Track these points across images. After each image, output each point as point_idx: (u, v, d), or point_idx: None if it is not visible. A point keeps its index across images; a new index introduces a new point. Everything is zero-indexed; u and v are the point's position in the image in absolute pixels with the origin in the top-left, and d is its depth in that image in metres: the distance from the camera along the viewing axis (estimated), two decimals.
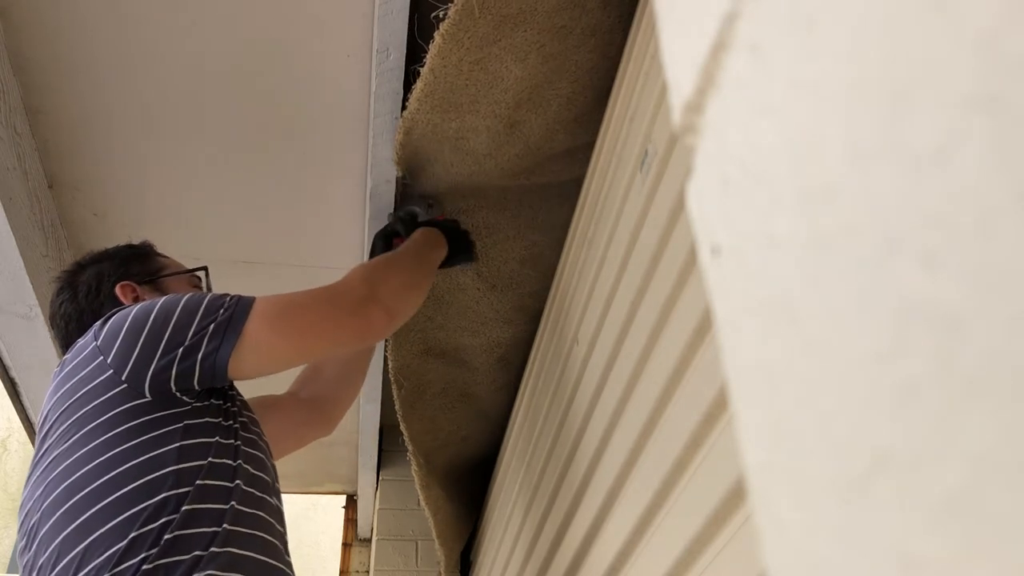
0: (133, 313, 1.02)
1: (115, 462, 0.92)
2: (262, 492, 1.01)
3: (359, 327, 1.15)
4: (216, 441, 0.99)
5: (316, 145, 1.52)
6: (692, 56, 0.29)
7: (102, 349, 1.00)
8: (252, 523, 0.96)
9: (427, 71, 1.18)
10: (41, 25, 1.28)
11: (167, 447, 0.94)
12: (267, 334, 1.03)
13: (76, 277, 1.19)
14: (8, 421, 4.95)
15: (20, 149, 1.37)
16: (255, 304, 1.05)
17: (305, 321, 1.09)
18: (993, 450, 0.16)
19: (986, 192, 0.17)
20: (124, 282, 1.17)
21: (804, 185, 0.23)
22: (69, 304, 1.17)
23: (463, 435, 1.94)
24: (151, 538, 0.87)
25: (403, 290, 1.23)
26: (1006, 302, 0.16)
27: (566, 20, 1.12)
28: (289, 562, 1.01)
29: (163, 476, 0.92)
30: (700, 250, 0.30)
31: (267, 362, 1.06)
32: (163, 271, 1.24)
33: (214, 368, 0.99)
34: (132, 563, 0.86)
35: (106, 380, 0.98)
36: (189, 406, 1.00)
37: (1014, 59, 0.16)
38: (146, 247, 1.28)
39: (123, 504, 0.89)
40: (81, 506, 0.90)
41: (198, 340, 0.99)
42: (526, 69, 1.17)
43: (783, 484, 0.24)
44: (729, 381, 0.28)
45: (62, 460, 0.95)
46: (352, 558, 2.72)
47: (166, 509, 0.90)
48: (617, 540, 0.97)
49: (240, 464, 0.99)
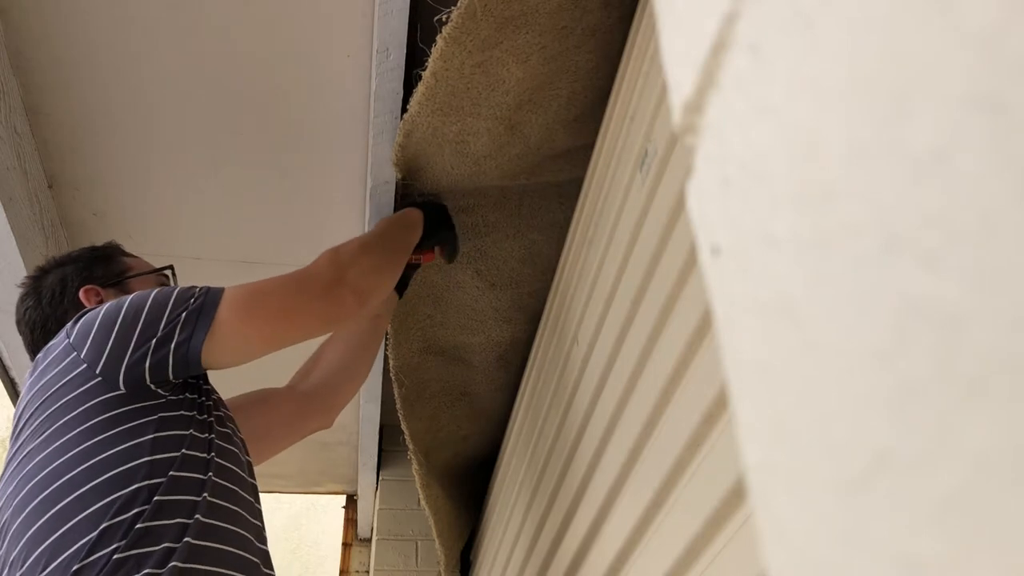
0: (104, 310, 1.02)
1: (89, 454, 0.92)
2: (235, 485, 1.01)
3: (328, 311, 1.16)
4: (190, 434, 0.99)
5: (316, 145, 1.52)
6: (692, 56, 0.29)
7: (75, 346, 1.00)
8: (224, 516, 0.96)
9: (429, 74, 1.18)
10: (41, 25, 1.28)
11: (141, 439, 0.94)
12: (238, 321, 1.04)
13: (40, 282, 1.19)
14: (8, 421, 4.95)
15: (20, 149, 1.37)
16: (225, 293, 1.05)
17: (274, 307, 1.09)
18: (993, 450, 0.16)
19: (986, 192, 0.17)
20: (88, 286, 1.17)
21: (804, 185, 0.23)
22: (33, 311, 1.16)
23: (463, 434, 1.94)
24: (122, 529, 0.87)
25: (372, 272, 1.23)
26: (1006, 302, 0.16)
27: (567, 21, 1.12)
28: (265, 551, 1.01)
29: (136, 467, 0.92)
30: (700, 250, 0.30)
31: (240, 349, 1.07)
32: (127, 272, 1.23)
33: (187, 357, 1.00)
34: (103, 554, 0.85)
35: (80, 374, 0.98)
36: (164, 399, 1.00)
37: (1014, 59, 0.16)
38: (110, 248, 1.27)
39: (95, 495, 0.89)
40: (53, 498, 0.90)
41: (170, 331, 1.00)
42: (527, 71, 1.17)
43: (783, 484, 0.24)
44: (729, 381, 0.28)
45: (35, 455, 0.95)
46: (352, 558, 2.72)
47: (138, 500, 0.89)
48: (617, 540, 0.97)
49: (213, 457, 0.99)
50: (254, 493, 1.06)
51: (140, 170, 1.53)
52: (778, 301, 0.24)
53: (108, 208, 1.58)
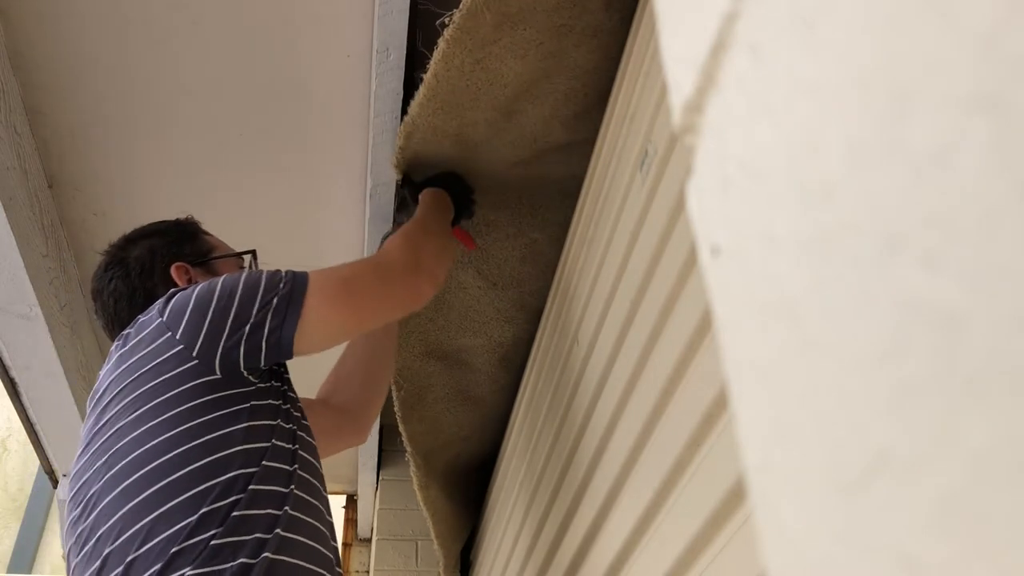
0: (197, 291, 1.01)
1: (185, 437, 0.92)
2: (315, 479, 1.01)
3: (409, 297, 1.17)
4: (278, 424, 0.99)
5: (316, 145, 1.52)
6: (692, 56, 0.29)
7: (169, 325, 0.99)
8: (308, 510, 0.96)
9: (430, 76, 1.19)
10: (41, 25, 1.28)
11: (236, 426, 0.94)
12: (326, 308, 1.04)
13: (126, 253, 1.18)
14: (8, 421, 4.94)
15: (20, 149, 1.37)
16: (310, 279, 1.05)
17: (361, 294, 1.10)
18: (993, 450, 0.16)
19: (986, 192, 0.17)
20: (178, 263, 1.17)
21: (804, 185, 0.23)
22: (121, 281, 1.15)
23: (464, 435, 1.94)
24: (220, 515, 0.87)
25: (442, 256, 1.25)
26: (1006, 302, 0.16)
27: (565, 19, 1.12)
28: (336, 548, 1.01)
29: (233, 454, 0.92)
30: (700, 250, 0.30)
31: (328, 336, 1.07)
32: (213, 252, 1.23)
33: (280, 344, 1.00)
34: (201, 539, 0.85)
35: (175, 355, 0.97)
36: (255, 387, 1.00)
37: (1014, 59, 0.16)
38: (193, 225, 1.26)
39: (194, 479, 0.89)
40: (150, 478, 0.90)
41: (263, 317, 1.00)
42: (525, 65, 1.18)
43: (783, 484, 0.24)
44: (729, 381, 0.28)
45: (128, 432, 0.94)
46: (352, 558, 2.72)
47: (236, 487, 0.90)
48: (617, 540, 0.97)
49: (297, 449, 1.00)
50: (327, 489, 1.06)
51: (140, 170, 1.53)
52: (778, 301, 0.24)
53: (108, 208, 1.58)
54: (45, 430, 1.77)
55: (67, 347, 1.59)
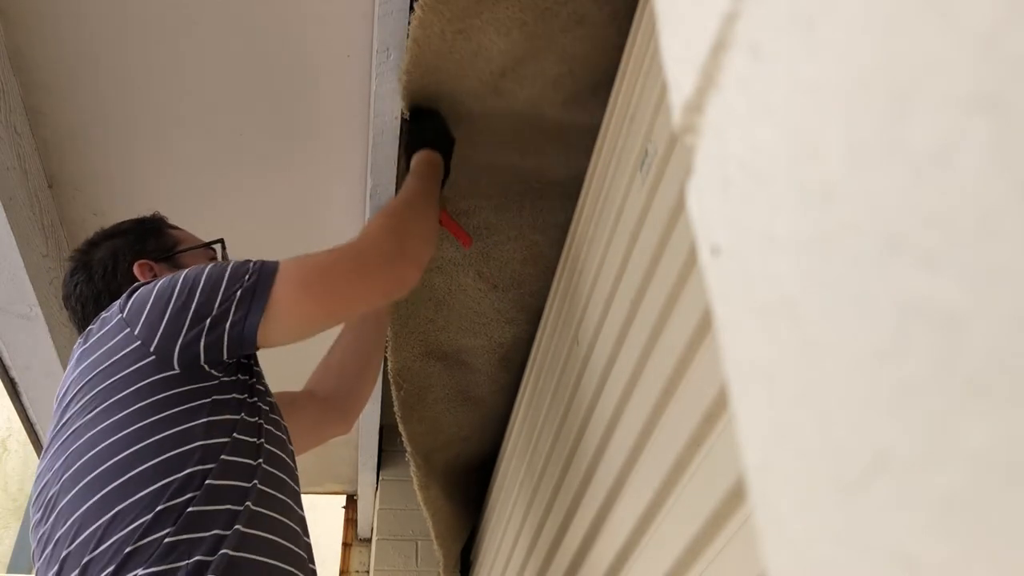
0: (157, 285, 0.99)
1: (142, 434, 0.90)
2: (283, 473, 0.98)
3: (390, 285, 1.12)
4: (241, 418, 0.96)
5: (316, 145, 1.52)
6: (692, 56, 0.29)
7: (128, 321, 0.97)
8: (274, 505, 0.94)
9: (411, 42, 1.19)
10: (41, 25, 1.28)
11: (194, 421, 0.92)
12: (295, 299, 1.00)
13: (89, 256, 1.16)
14: (8, 421, 4.95)
15: (20, 149, 1.37)
16: (280, 268, 1.01)
17: (335, 283, 1.05)
18: (993, 450, 0.16)
19: (986, 192, 0.17)
20: (141, 260, 1.15)
21: (804, 185, 0.23)
22: (85, 285, 1.13)
23: (464, 435, 1.94)
24: (175, 513, 0.85)
25: (427, 238, 1.20)
26: (1006, 302, 0.16)
27: (550, 3, 1.13)
28: (310, 545, 0.99)
29: (190, 451, 0.90)
30: (700, 250, 0.30)
31: (296, 327, 1.03)
32: (178, 246, 1.21)
33: (242, 337, 0.96)
34: (155, 537, 0.83)
35: (133, 351, 0.95)
36: (217, 380, 0.97)
37: (1014, 59, 0.16)
38: (157, 221, 1.24)
39: (150, 477, 0.87)
40: (105, 478, 0.88)
41: (225, 310, 0.96)
42: (509, 43, 1.19)
43: (783, 484, 0.24)
44: (729, 381, 0.28)
45: (84, 431, 0.92)
46: (352, 558, 2.72)
47: (191, 484, 0.87)
48: (617, 540, 0.97)
49: (262, 443, 0.97)
50: (299, 483, 1.03)
51: (140, 170, 1.53)
52: (778, 301, 0.24)
53: (108, 208, 1.58)
54: (45, 430, 1.76)
55: (67, 347, 1.59)
